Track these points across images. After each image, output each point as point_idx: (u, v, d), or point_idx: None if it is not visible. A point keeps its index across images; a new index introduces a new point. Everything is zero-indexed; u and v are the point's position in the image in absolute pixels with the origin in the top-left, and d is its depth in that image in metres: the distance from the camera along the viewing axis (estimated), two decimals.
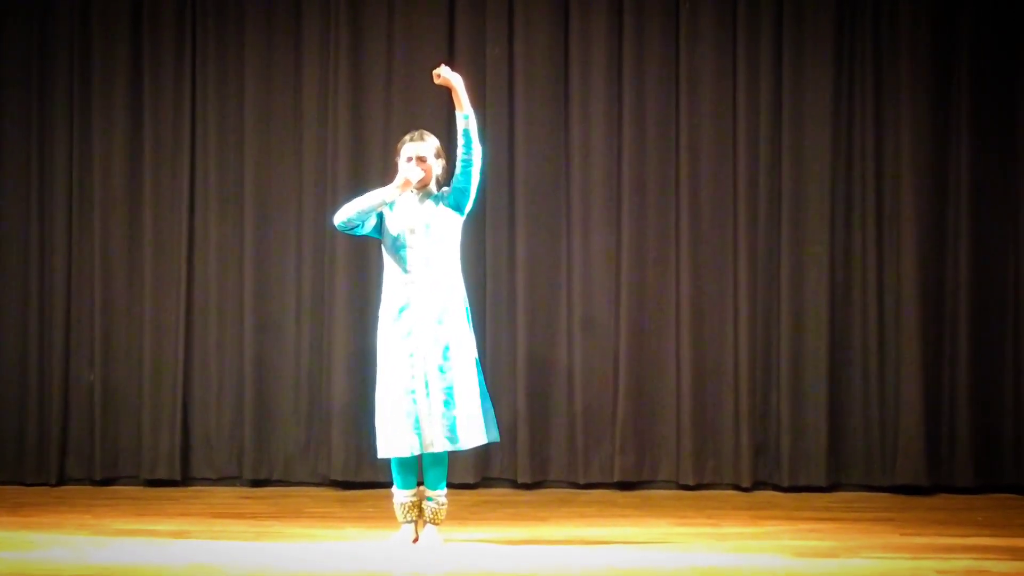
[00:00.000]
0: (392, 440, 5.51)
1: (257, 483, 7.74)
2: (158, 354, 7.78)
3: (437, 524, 5.67)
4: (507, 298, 7.77)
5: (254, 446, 7.73)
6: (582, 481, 7.69)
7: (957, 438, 7.62)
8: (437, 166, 5.81)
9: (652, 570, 5.33)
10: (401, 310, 5.58)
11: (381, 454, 5.61)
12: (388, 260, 5.70)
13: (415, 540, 5.66)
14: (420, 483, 5.71)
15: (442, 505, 5.65)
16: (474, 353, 5.70)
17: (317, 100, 7.82)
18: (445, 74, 5.69)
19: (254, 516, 6.77)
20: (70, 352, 7.81)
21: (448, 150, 5.98)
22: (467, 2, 7.80)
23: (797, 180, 7.73)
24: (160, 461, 7.72)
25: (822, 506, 7.20)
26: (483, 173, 5.84)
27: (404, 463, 5.61)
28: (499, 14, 7.78)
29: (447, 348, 5.57)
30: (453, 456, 5.88)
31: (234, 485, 7.75)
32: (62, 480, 7.75)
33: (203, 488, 7.71)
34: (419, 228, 5.65)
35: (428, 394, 5.52)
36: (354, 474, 7.62)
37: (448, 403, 5.52)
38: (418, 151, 5.74)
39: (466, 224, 7.70)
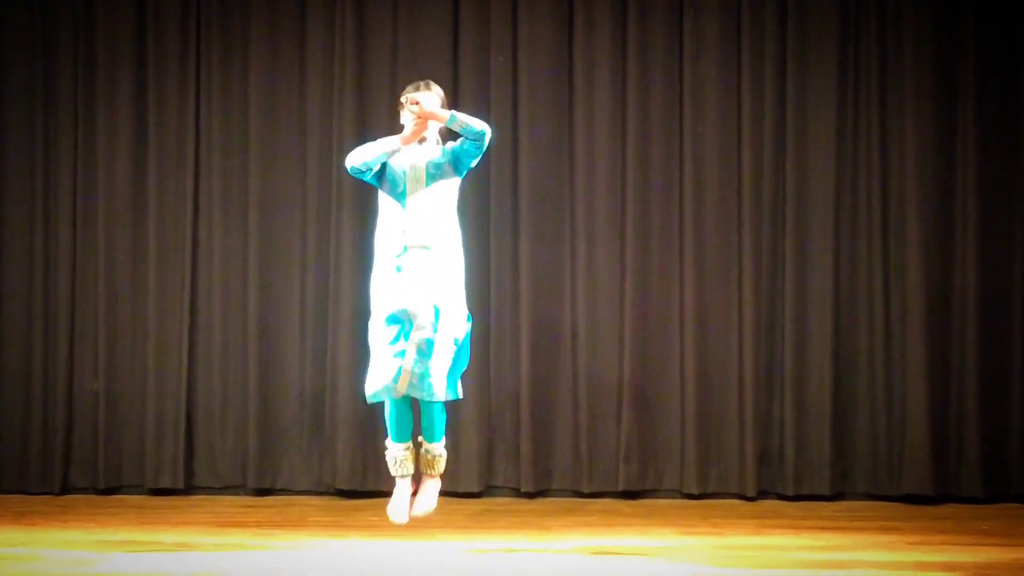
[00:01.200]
0: (372, 384, 5.44)
1: (261, 492, 7.73)
2: (162, 363, 7.77)
3: (431, 476, 5.57)
4: (511, 306, 7.75)
5: (258, 455, 7.71)
6: (586, 490, 7.67)
7: (964, 447, 7.60)
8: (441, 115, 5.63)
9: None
10: (397, 258, 5.49)
11: (367, 398, 5.51)
12: (385, 207, 5.57)
13: (413, 493, 5.58)
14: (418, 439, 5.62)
15: (436, 456, 5.55)
16: (464, 311, 5.54)
17: (321, 108, 7.81)
18: (422, 109, 5.58)
19: (258, 525, 6.75)
20: (74, 361, 7.80)
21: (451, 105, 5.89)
22: (471, 12, 7.80)
23: (801, 188, 7.72)
24: (164, 470, 7.72)
25: (827, 515, 7.18)
26: (487, 147, 5.71)
27: (396, 416, 5.49)
28: (503, 24, 7.77)
29: (437, 310, 5.46)
30: (456, 463, 5.86)
31: (238, 494, 7.74)
32: (66, 489, 7.73)
33: (207, 497, 7.69)
34: (420, 177, 5.56)
35: (409, 348, 5.40)
36: (359, 483, 7.60)
37: (424, 354, 5.40)
38: (419, 97, 5.59)
39: (470, 232, 7.71)
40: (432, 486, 5.56)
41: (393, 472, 5.55)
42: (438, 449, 5.54)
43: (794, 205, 7.70)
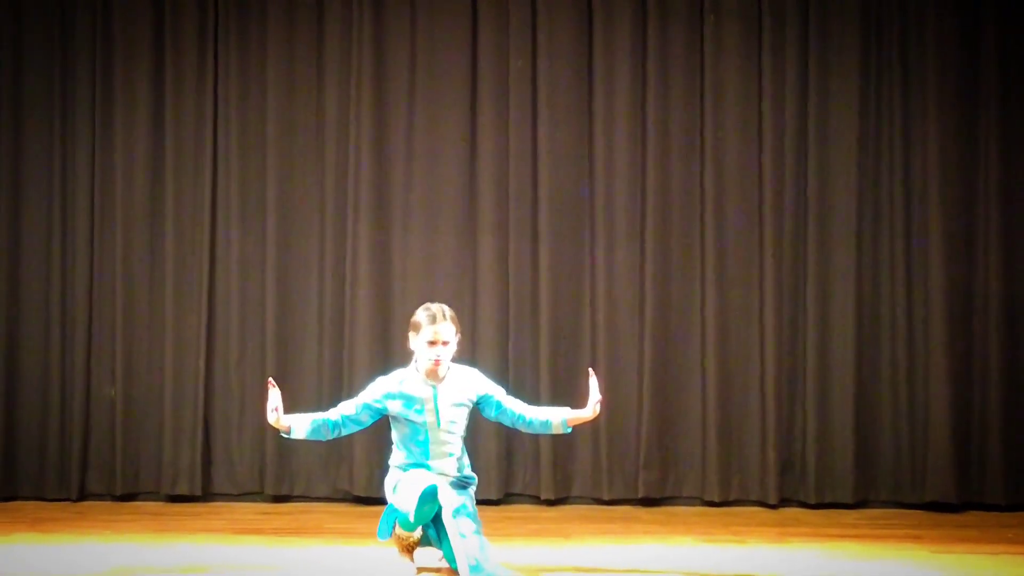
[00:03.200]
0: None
1: (278, 499, 7.70)
2: (179, 369, 7.75)
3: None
4: (530, 310, 7.71)
5: (275, 461, 7.68)
6: (606, 497, 7.62)
7: (987, 454, 7.53)
8: (455, 345, 5.60)
9: None
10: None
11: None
12: (405, 443, 5.59)
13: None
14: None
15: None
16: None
17: (339, 113, 7.78)
18: (597, 410, 5.64)
19: (275, 532, 6.72)
20: (91, 367, 7.78)
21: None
22: (490, 16, 7.76)
23: (823, 193, 7.66)
24: (181, 476, 7.69)
25: (849, 523, 7.11)
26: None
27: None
28: (523, 28, 7.73)
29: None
30: (475, 471, 5.80)
31: (255, 501, 7.70)
32: (83, 495, 7.71)
33: (224, 504, 7.66)
34: (444, 425, 5.56)
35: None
36: (376, 490, 7.55)
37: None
38: (444, 335, 5.50)
39: (489, 236, 7.72)
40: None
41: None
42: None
43: (816, 211, 7.64)
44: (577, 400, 7.63)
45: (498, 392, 5.63)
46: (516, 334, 7.70)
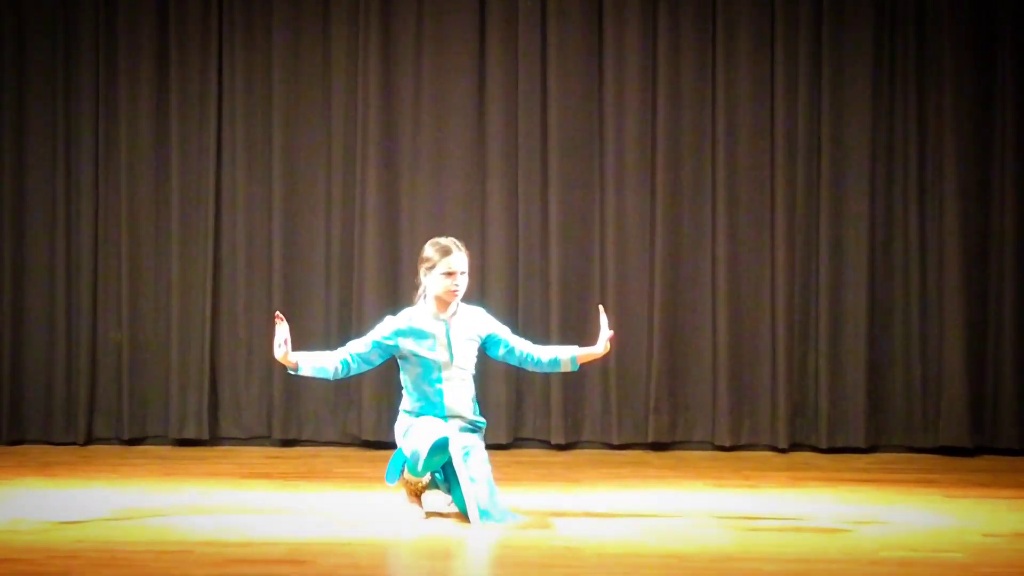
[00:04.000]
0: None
1: (286, 443, 7.66)
2: (186, 313, 7.70)
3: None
4: (540, 257, 7.64)
5: (283, 406, 7.64)
6: (616, 442, 7.58)
7: (1001, 398, 7.49)
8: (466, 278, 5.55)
9: (690, 532, 5.21)
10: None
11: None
12: (417, 385, 5.50)
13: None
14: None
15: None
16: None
17: (347, 55, 7.69)
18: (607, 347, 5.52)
19: (283, 476, 6.68)
20: (97, 312, 7.73)
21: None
22: None
23: (837, 136, 7.57)
24: (188, 421, 7.66)
25: (861, 467, 7.07)
26: None
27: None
28: None
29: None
30: (484, 416, 5.72)
31: (263, 445, 7.67)
32: (90, 439, 7.68)
33: (231, 448, 7.64)
34: (457, 360, 5.47)
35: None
36: (385, 434, 7.51)
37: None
38: (461, 265, 5.43)
39: (498, 185, 7.64)
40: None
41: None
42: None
43: (829, 154, 7.55)
44: (586, 344, 7.57)
45: (504, 331, 5.57)
46: (525, 278, 7.64)
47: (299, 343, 7.65)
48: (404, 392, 5.55)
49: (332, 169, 7.71)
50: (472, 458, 5.38)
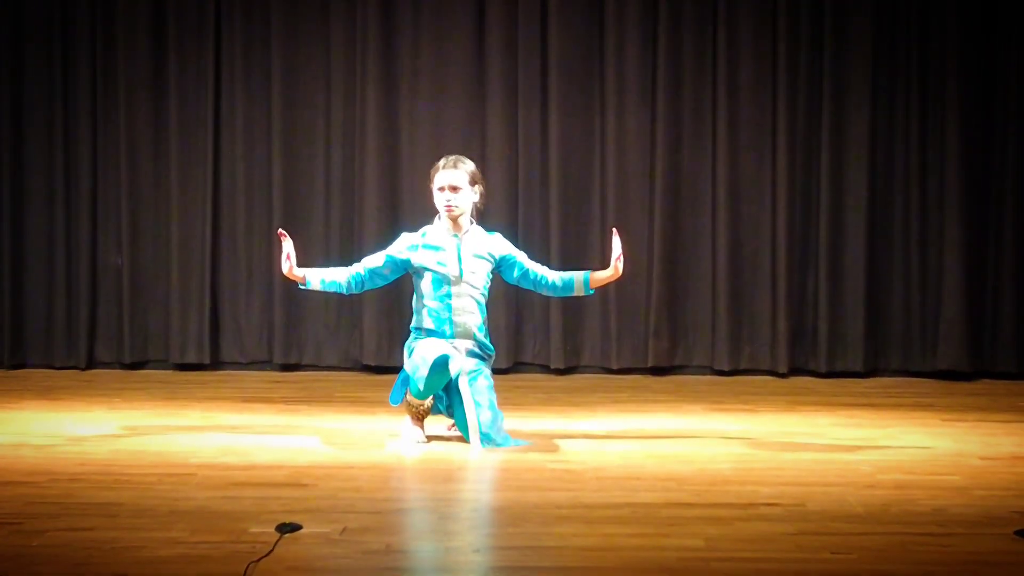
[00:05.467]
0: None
1: (287, 367, 7.69)
2: (186, 237, 7.69)
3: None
4: (540, 178, 7.62)
5: (284, 330, 7.66)
6: (615, 366, 7.60)
7: (1000, 323, 7.50)
8: (473, 194, 5.54)
9: (689, 455, 5.25)
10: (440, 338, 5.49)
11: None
12: (427, 298, 5.51)
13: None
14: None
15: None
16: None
17: None
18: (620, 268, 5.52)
19: (284, 400, 6.71)
20: (97, 236, 7.72)
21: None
22: None
23: (839, 57, 7.51)
24: (189, 345, 7.67)
25: (860, 392, 7.09)
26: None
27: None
28: None
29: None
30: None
31: (264, 369, 7.69)
32: (91, 364, 7.71)
33: (233, 372, 7.66)
34: (465, 276, 5.49)
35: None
36: (385, 359, 7.55)
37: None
38: (451, 180, 5.46)
39: (497, 104, 7.59)
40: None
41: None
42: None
43: (830, 77, 7.50)
44: (586, 267, 7.56)
45: (520, 254, 5.61)
46: (525, 201, 7.62)
47: (300, 264, 7.70)
48: (414, 311, 5.58)
49: (331, 92, 7.66)
50: (477, 383, 5.41)
